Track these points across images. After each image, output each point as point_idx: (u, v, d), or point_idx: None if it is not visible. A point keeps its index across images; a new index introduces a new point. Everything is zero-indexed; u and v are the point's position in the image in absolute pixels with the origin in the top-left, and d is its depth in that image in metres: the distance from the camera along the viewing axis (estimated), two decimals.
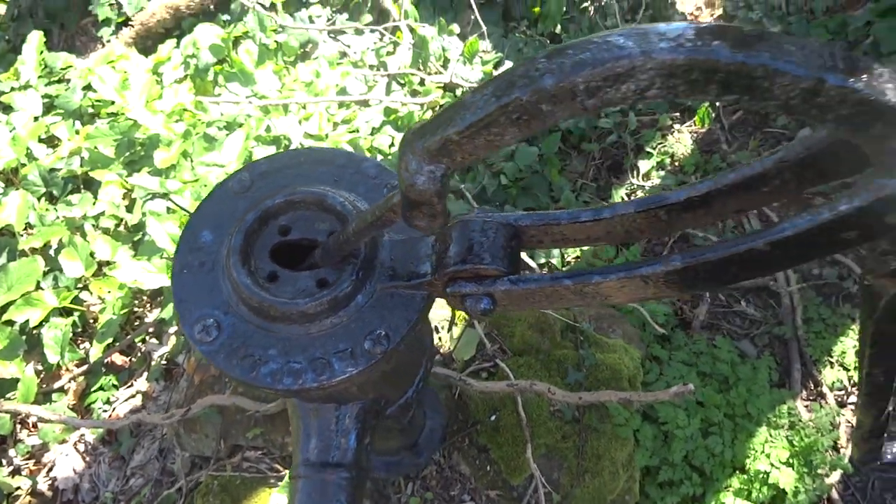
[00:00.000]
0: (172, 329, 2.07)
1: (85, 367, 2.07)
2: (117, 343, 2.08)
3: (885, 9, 2.71)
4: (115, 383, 2.06)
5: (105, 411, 2.00)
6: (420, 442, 1.60)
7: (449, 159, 0.55)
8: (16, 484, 1.91)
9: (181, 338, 2.03)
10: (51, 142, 2.47)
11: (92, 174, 2.23)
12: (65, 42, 3.21)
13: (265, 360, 0.74)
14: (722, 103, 2.73)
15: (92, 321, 2.14)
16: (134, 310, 2.16)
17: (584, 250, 2.38)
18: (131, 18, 3.00)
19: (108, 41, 3.04)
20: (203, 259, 0.79)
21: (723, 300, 2.35)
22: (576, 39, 0.49)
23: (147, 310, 2.19)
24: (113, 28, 3.08)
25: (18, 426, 2.02)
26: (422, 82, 2.70)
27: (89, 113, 2.58)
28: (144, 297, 2.19)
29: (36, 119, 2.47)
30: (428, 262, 0.76)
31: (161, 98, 2.48)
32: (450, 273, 0.72)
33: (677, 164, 2.75)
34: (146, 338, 2.13)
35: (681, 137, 2.81)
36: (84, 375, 2.08)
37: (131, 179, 2.12)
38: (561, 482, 1.67)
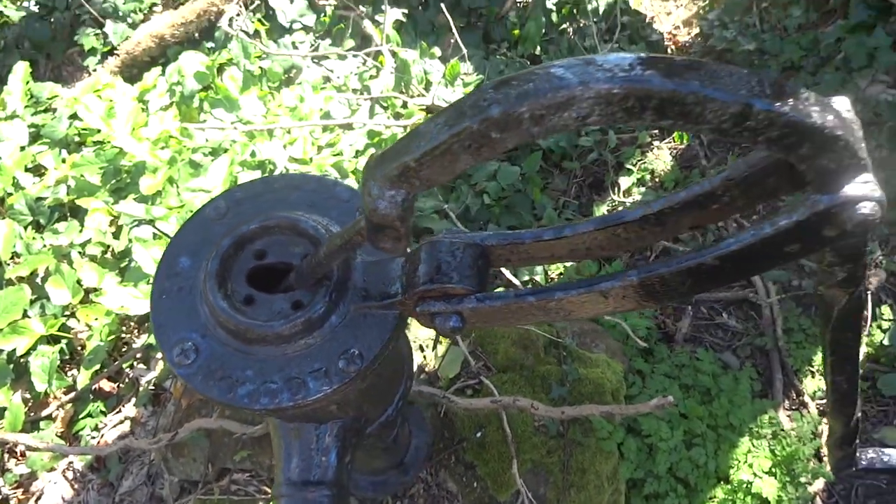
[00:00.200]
0: (160, 354, 2.08)
1: (73, 394, 2.07)
2: (105, 369, 2.09)
3: (854, 25, 2.78)
4: (103, 410, 2.06)
5: (93, 438, 2.00)
6: (406, 460, 1.62)
7: (408, 185, 0.58)
8: None
9: None
10: (37, 171, 2.48)
11: (78, 202, 2.25)
12: (51, 72, 3.24)
13: (242, 380, 0.76)
14: None
15: (79, 348, 2.15)
16: (121, 336, 2.17)
17: (567, 266, 2.41)
18: (117, 48, 3.03)
19: (94, 70, 3.07)
20: (181, 284, 0.81)
21: (705, 313, 2.38)
22: (521, 71, 0.52)
23: (135, 335, 2.20)
24: (99, 57, 3.12)
25: (6, 455, 2.01)
26: (404, 105, 2.74)
27: (75, 141, 2.60)
28: (132, 322, 2.20)
29: (22, 148, 2.49)
30: (398, 283, 0.79)
31: (147, 125, 2.50)
32: (419, 292, 0.75)
33: (657, 180, 2.80)
34: (134, 363, 2.13)
35: (660, 154, 2.86)
36: (72, 402, 2.08)
37: (117, 207, 2.14)
38: (547, 497, 1.69)
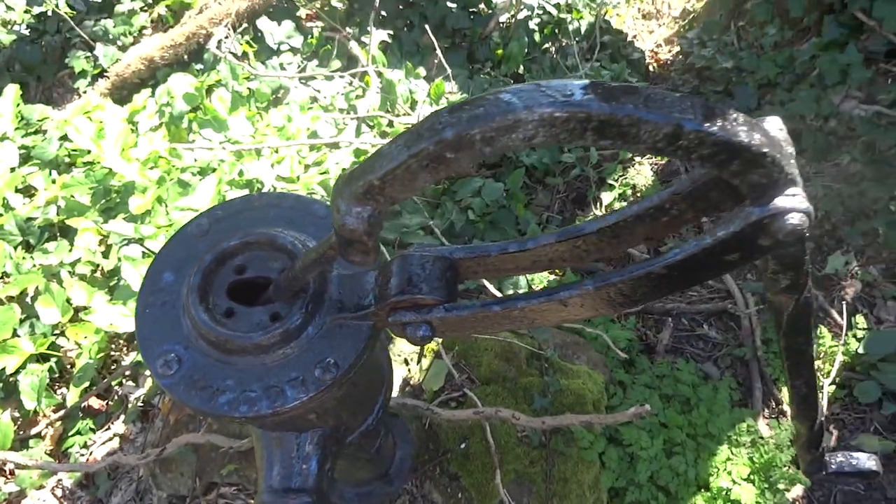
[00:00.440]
0: (149, 371, 2.10)
1: (62, 412, 2.09)
2: (94, 387, 2.11)
3: (827, 43, 2.86)
4: (93, 427, 2.08)
5: (82, 455, 2.02)
6: (391, 472, 1.64)
7: (374, 202, 0.62)
8: None
9: None
10: (27, 191, 2.52)
11: (68, 222, 2.28)
12: (42, 94, 3.28)
13: (223, 390, 0.80)
14: None
15: (69, 366, 2.17)
16: (110, 353, 2.19)
17: (550, 279, 2.45)
18: (107, 70, 3.08)
19: (85, 92, 3.12)
20: (165, 299, 0.85)
21: (686, 324, 2.43)
22: (473, 97, 0.57)
23: (124, 353, 2.23)
24: (89, 80, 3.17)
25: None
26: (390, 124, 2.79)
27: (66, 162, 2.63)
28: (121, 340, 2.22)
29: (13, 170, 2.53)
30: (372, 295, 0.83)
31: (136, 146, 2.54)
32: (391, 303, 0.79)
33: (639, 194, 2.85)
34: (123, 381, 2.16)
35: (641, 169, 2.92)
36: (61, 420, 2.10)
37: (107, 226, 2.17)
38: None
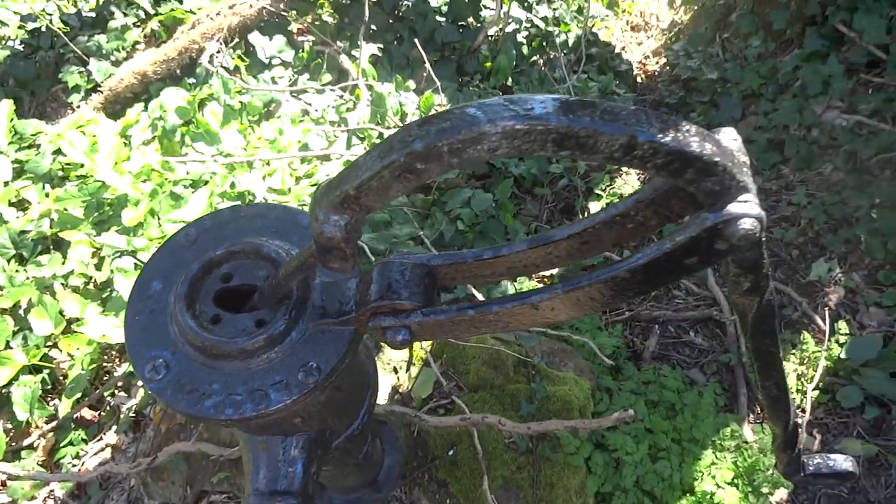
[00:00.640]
0: (140, 381, 2.12)
1: (54, 423, 2.11)
2: (86, 398, 2.13)
3: (809, 54, 2.92)
4: (85, 437, 2.09)
5: (74, 465, 2.04)
6: (380, 479, 1.67)
7: (350, 210, 0.66)
8: None
9: None
10: (21, 205, 2.54)
11: (61, 235, 2.31)
12: (35, 109, 3.32)
13: (209, 393, 0.82)
14: None
15: (61, 377, 2.19)
16: (103, 364, 2.21)
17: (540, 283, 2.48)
18: (100, 85, 3.12)
19: (78, 107, 3.16)
20: (153, 306, 0.88)
21: (672, 331, 2.46)
22: (442, 111, 0.60)
23: (116, 364, 2.25)
24: (82, 94, 3.20)
25: None
26: (381, 136, 2.83)
27: (59, 176, 2.66)
28: (113, 351, 2.25)
29: (6, 184, 2.56)
30: (353, 301, 0.86)
31: (129, 159, 2.58)
32: (371, 308, 0.82)
33: None
34: (115, 391, 2.18)
35: (628, 179, 2.96)
36: (53, 431, 2.12)
37: (99, 238, 2.20)
38: None
